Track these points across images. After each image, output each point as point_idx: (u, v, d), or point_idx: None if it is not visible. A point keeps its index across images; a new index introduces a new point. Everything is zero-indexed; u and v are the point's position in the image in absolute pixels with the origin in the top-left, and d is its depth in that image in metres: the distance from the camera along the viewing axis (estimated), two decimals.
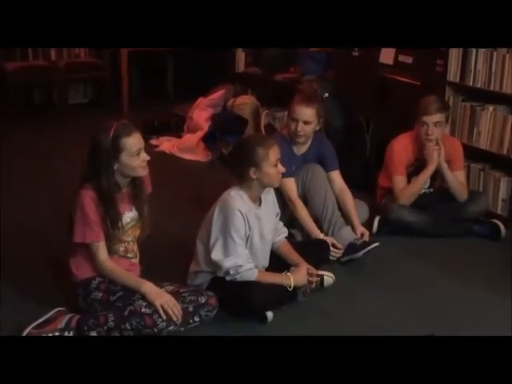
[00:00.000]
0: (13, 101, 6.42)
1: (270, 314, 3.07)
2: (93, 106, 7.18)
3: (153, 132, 5.99)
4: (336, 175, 3.98)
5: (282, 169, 3.17)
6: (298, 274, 3.17)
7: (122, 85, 6.85)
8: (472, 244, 4.04)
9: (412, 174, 4.15)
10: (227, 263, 3.04)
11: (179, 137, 6.02)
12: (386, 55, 4.95)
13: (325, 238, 3.68)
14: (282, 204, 3.64)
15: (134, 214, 3.04)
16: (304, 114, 3.78)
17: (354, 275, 3.62)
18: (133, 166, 2.92)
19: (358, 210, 3.94)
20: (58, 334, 2.81)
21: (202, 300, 2.95)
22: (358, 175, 4.46)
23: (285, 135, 3.90)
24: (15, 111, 6.38)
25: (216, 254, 3.06)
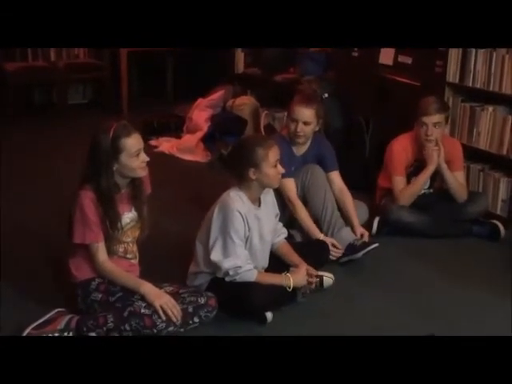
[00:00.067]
0: (13, 101, 6.42)
1: (269, 315, 3.07)
2: (92, 107, 7.18)
3: (152, 132, 5.99)
4: (335, 176, 3.98)
5: (281, 169, 3.16)
6: (297, 275, 3.17)
7: (122, 85, 6.85)
8: (472, 244, 4.04)
9: (412, 174, 4.15)
10: (226, 264, 3.04)
11: (179, 137, 6.02)
12: (386, 56, 4.95)
13: (324, 239, 3.69)
14: (282, 205, 3.64)
15: (133, 215, 3.03)
16: (304, 114, 3.78)
17: (354, 276, 3.62)
18: (132, 167, 2.92)
19: (357, 211, 3.93)
20: (57, 334, 2.81)
21: (202, 301, 2.94)
22: (357, 176, 4.46)
23: (284, 136, 3.90)
24: (15, 111, 6.38)
25: (215, 255, 3.05)
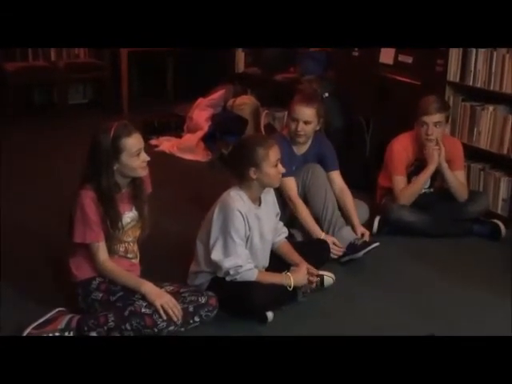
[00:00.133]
0: (13, 101, 6.42)
1: (270, 314, 3.07)
2: (93, 107, 7.17)
3: (153, 132, 5.99)
4: (336, 175, 3.98)
5: (281, 169, 3.16)
6: (298, 274, 3.17)
7: (122, 85, 6.85)
8: (472, 244, 4.04)
9: (412, 174, 4.15)
10: (227, 263, 3.04)
11: (179, 137, 6.02)
12: (386, 55, 4.95)
13: (325, 237, 3.69)
14: (282, 204, 3.64)
15: (134, 214, 3.04)
16: (304, 113, 3.78)
17: (355, 275, 3.62)
18: (133, 167, 2.92)
19: (358, 210, 3.93)
20: (58, 334, 2.81)
21: (203, 300, 2.95)
22: (357, 175, 4.46)
23: (285, 135, 3.90)
24: (15, 111, 6.38)
25: (216, 255, 3.05)
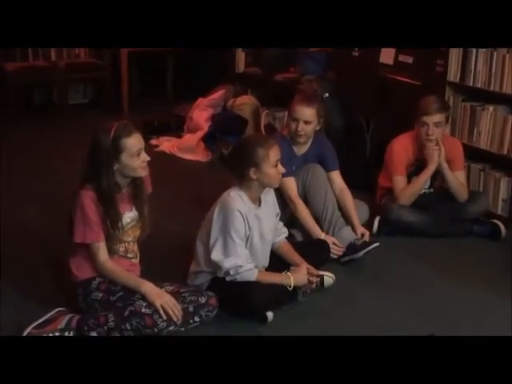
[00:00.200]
0: (13, 101, 6.41)
1: (270, 314, 3.07)
2: (93, 107, 7.17)
3: (153, 132, 5.99)
4: (336, 175, 3.98)
5: (281, 169, 3.16)
6: (298, 274, 3.17)
7: (122, 85, 6.84)
8: (472, 244, 4.04)
9: (412, 174, 4.14)
10: (227, 263, 3.04)
11: (179, 137, 6.02)
12: (386, 55, 4.95)
13: (325, 237, 3.69)
14: (282, 204, 3.64)
15: (134, 214, 3.04)
16: (304, 113, 3.78)
17: (355, 275, 3.62)
18: (133, 167, 2.92)
19: (358, 211, 3.93)
20: (58, 334, 2.81)
21: (203, 300, 2.95)
22: (358, 175, 4.46)
23: (285, 135, 3.90)
24: (15, 111, 6.37)
25: (216, 255, 3.05)
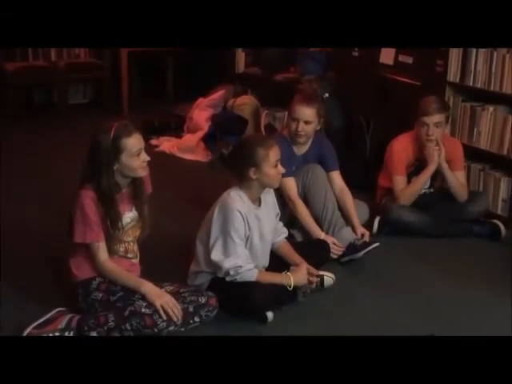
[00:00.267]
0: (13, 101, 6.41)
1: (270, 314, 3.07)
2: (93, 107, 7.17)
3: (153, 132, 5.99)
4: (336, 175, 3.98)
5: (281, 169, 3.16)
6: (298, 274, 3.17)
7: (122, 85, 6.85)
8: (472, 244, 4.04)
9: (412, 174, 4.14)
10: (227, 264, 3.04)
11: (179, 137, 6.02)
12: (386, 55, 4.95)
13: (325, 237, 3.68)
14: (282, 204, 3.64)
15: (134, 215, 3.04)
16: (305, 113, 3.78)
17: (355, 275, 3.62)
18: (133, 167, 2.92)
19: (358, 211, 3.93)
20: (58, 334, 2.81)
21: (203, 300, 2.95)
22: (358, 175, 4.46)
23: (285, 135, 3.90)
24: (15, 111, 6.37)
25: (216, 255, 3.05)
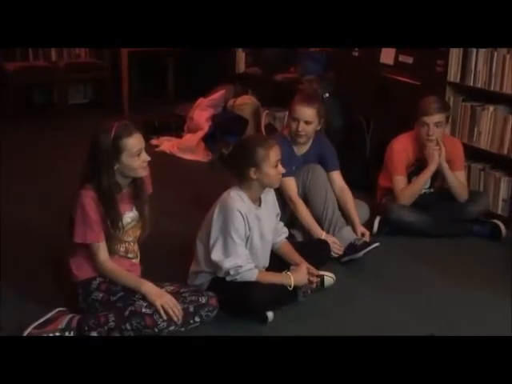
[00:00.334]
0: (13, 101, 6.42)
1: (270, 314, 3.07)
2: (93, 106, 7.17)
3: (153, 132, 5.99)
4: (336, 175, 3.98)
5: (281, 169, 3.16)
6: (298, 274, 3.17)
7: (123, 85, 6.85)
8: (472, 244, 4.03)
9: (412, 174, 4.14)
10: (227, 264, 3.04)
11: (179, 137, 6.02)
12: (387, 55, 4.95)
13: (326, 237, 3.68)
14: (282, 204, 3.64)
15: (134, 214, 3.04)
16: (305, 113, 3.78)
17: (355, 275, 3.62)
18: (133, 167, 2.92)
19: (358, 211, 3.93)
20: (58, 334, 2.81)
21: (203, 300, 2.95)
22: (358, 175, 4.46)
23: (285, 135, 3.90)
24: (15, 111, 6.38)
25: (216, 255, 3.05)
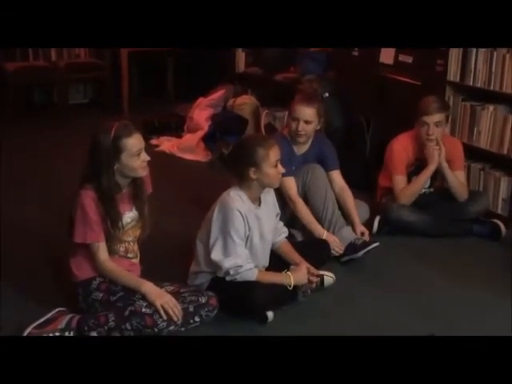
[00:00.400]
0: (13, 101, 6.42)
1: (270, 314, 3.07)
2: (93, 106, 7.18)
3: (153, 132, 5.99)
4: (336, 175, 3.98)
5: (281, 169, 3.16)
6: (298, 273, 3.17)
7: (122, 85, 6.85)
8: (472, 244, 4.03)
9: (412, 173, 4.14)
10: (227, 263, 3.04)
11: (179, 137, 6.02)
12: (386, 55, 4.95)
13: (327, 235, 3.68)
14: (282, 204, 3.64)
15: (134, 214, 3.04)
16: (305, 113, 3.78)
17: (355, 275, 3.62)
18: (133, 167, 2.92)
19: (358, 210, 3.93)
20: (58, 334, 2.81)
21: (203, 300, 2.95)
22: (358, 175, 4.46)
23: (285, 135, 3.90)
24: (15, 111, 6.38)
25: (216, 254, 3.06)
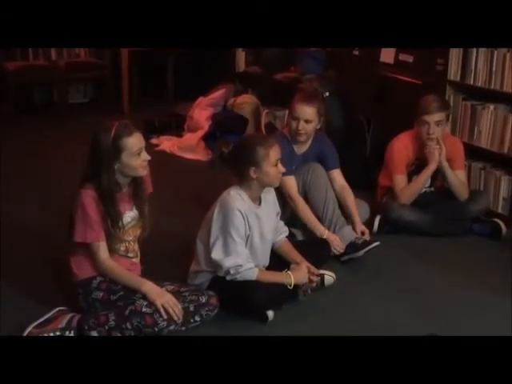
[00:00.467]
0: (13, 100, 6.43)
1: (270, 314, 3.07)
2: (93, 106, 7.18)
3: (153, 131, 6.00)
4: (337, 174, 3.98)
5: (281, 168, 3.16)
6: (298, 272, 3.17)
7: (123, 84, 6.85)
8: (473, 243, 4.03)
9: (413, 173, 4.14)
10: (227, 263, 3.04)
11: (180, 136, 6.02)
12: (387, 54, 4.95)
13: (328, 234, 3.69)
14: (283, 203, 3.64)
15: (134, 214, 3.04)
16: (305, 112, 3.78)
17: (355, 274, 3.62)
18: (133, 166, 2.92)
19: (358, 210, 3.93)
20: (58, 333, 2.81)
21: (203, 299, 2.95)
22: (358, 174, 4.46)
23: (285, 134, 3.90)
24: (15, 110, 6.39)
25: (216, 254, 3.06)
